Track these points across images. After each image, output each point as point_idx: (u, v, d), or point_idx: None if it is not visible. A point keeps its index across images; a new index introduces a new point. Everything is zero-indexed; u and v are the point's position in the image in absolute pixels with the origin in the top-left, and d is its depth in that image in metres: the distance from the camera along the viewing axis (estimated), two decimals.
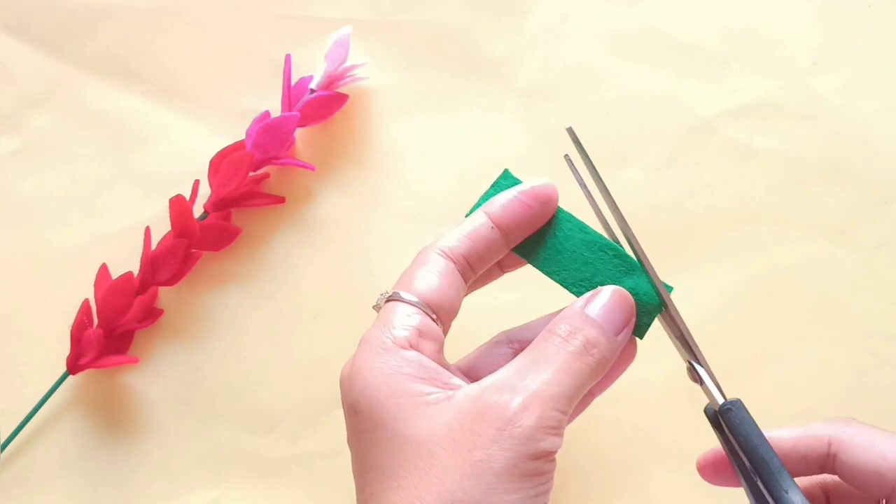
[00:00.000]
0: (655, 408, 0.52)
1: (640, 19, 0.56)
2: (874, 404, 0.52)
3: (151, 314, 0.54)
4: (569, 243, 0.41)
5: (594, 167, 0.40)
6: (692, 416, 0.48)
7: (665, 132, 0.55)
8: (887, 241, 0.53)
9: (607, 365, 0.38)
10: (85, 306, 0.54)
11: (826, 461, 0.38)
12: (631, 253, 0.40)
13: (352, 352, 0.38)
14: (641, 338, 0.40)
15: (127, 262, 0.54)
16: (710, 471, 0.40)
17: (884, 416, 0.52)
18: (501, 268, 0.42)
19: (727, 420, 0.37)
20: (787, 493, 0.36)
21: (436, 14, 0.57)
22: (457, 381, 0.37)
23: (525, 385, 0.36)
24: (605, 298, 0.39)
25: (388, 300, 0.39)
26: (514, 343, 0.42)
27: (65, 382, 0.54)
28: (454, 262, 0.39)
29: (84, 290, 0.54)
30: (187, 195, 0.54)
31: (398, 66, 0.56)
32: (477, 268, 0.40)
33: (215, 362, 0.55)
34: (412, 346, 0.37)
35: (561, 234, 0.41)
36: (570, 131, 0.41)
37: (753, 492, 0.37)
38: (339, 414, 0.38)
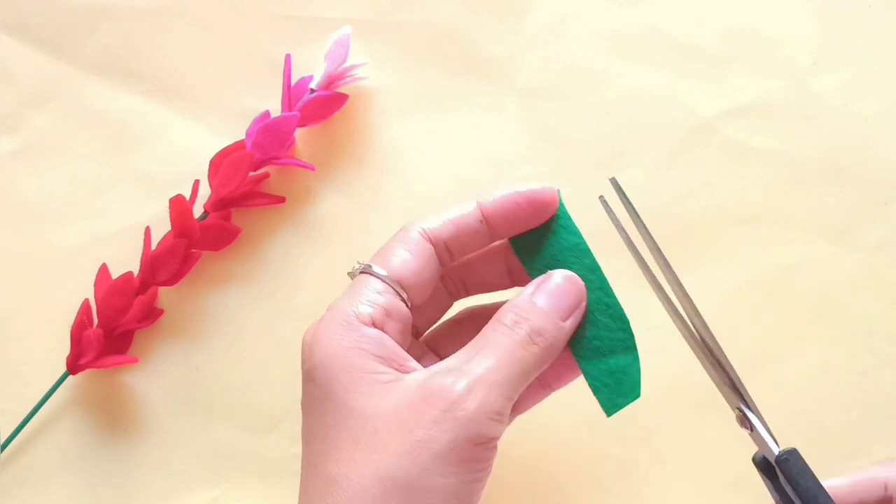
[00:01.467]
0: (655, 407, 0.52)
1: (640, 19, 0.56)
2: (874, 404, 0.52)
3: (151, 314, 0.54)
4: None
5: (638, 216, 0.40)
6: (692, 416, 0.49)
7: (665, 132, 0.55)
8: (887, 241, 0.53)
9: (554, 352, 0.38)
10: (85, 306, 0.54)
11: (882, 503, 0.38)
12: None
13: None
14: (609, 416, 0.39)
15: (127, 262, 0.54)
16: None
17: (884, 416, 0.52)
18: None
19: (785, 470, 0.37)
20: None
21: (436, 14, 0.57)
22: (413, 364, 0.38)
23: (470, 369, 0.36)
24: (555, 283, 0.39)
25: (361, 272, 0.39)
26: (478, 320, 0.42)
27: (65, 382, 0.54)
28: (434, 246, 0.40)
29: (84, 290, 0.54)
30: (187, 195, 0.54)
31: (398, 66, 0.56)
32: (456, 255, 0.40)
33: (215, 362, 0.55)
34: (376, 324, 0.38)
35: (565, 263, 0.40)
36: (614, 182, 0.40)
37: None
38: None
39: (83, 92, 0.57)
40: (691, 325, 0.39)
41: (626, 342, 0.39)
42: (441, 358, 0.41)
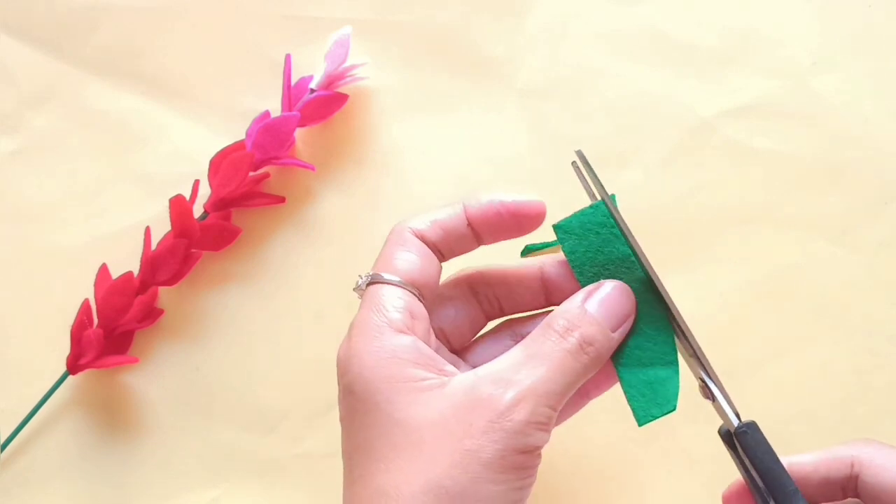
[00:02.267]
0: None
1: (640, 19, 0.56)
2: (874, 404, 0.52)
3: (151, 314, 0.54)
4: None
5: (602, 187, 0.40)
6: (690, 417, 0.48)
7: (665, 132, 0.55)
8: (887, 241, 0.53)
9: (602, 361, 0.38)
10: (85, 306, 0.54)
11: (848, 483, 0.38)
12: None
13: None
14: (640, 426, 0.39)
15: (127, 262, 0.54)
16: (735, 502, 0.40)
17: (884, 416, 0.52)
18: (479, 240, 0.42)
19: (742, 442, 0.37)
20: None
21: (436, 14, 0.57)
22: (450, 367, 0.38)
23: (518, 380, 0.36)
24: (606, 293, 0.39)
25: (372, 282, 0.39)
26: (518, 337, 0.42)
27: (65, 382, 0.54)
28: (427, 245, 0.40)
29: (84, 290, 0.54)
30: (187, 195, 0.54)
31: (398, 66, 0.56)
32: (446, 255, 0.41)
33: (215, 362, 0.55)
34: (408, 329, 0.37)
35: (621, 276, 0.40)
36: (580, 154, 0.40)
37: None
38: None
39: (83, 92, 0.57)
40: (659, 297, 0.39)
41: (667, 356, 0.39)
42: (472, 365, 0.41)
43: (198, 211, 0.55)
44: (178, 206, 0.54)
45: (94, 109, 0.57)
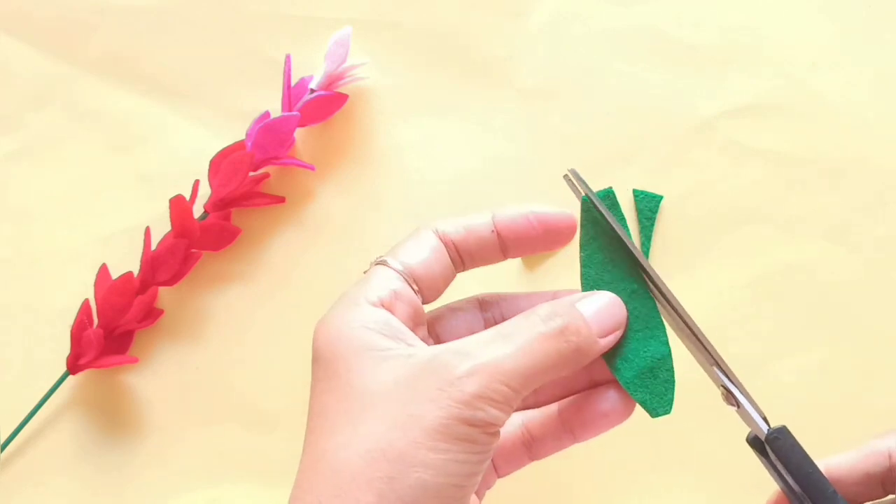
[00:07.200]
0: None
1: (640, 19, 0.56)
2: (874, 404, 0.52)
3: (151, 314, 0.54)
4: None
5: (602, 205, 0.39)
6: (691, 417, 0.48)
7: (665, 132, 0.55)
8: (887, 241, 0.53)
9: (580, 358, 0.37)
10: (85, 306, 0.54)
11: (888, 476, 0.38)
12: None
13: None
14: (654, 418, 0.39)
15: (127, 262, 0.54)
16: None
17: (884, 416, 0.52)
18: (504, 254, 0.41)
19: (775, 448, 0.37)
20: None
21: (436, 14, 0.57)
22: (421, 344, 0.37)
23: (479, 354, 0.35)
24: (599, 300, 0.38)
25: (374, 264, 0.39)
26: (487, 313, 0.41)
27: (65, 382, 0.54)
28: (445, 245, 0.39)
29: (84, 290, 0.54)
30: (187, 195, 0.54)
31: (398, 66, 0.56)
32: (466, 262, 0.40)
33: (215, 362, 0.55)
34: (385, 306, 0.37)
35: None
36: (573, 172, 0.39)
37: None
38: None
39: (83, 92, 0.57)
40: (669, 306, 0.39)
41: (662, 356, 0.39)
42: (437, 333, 0.41)
43: (198, 211, 0.55)
44: (178, 206, 0.54)
45: (95, 109, 0.57)
